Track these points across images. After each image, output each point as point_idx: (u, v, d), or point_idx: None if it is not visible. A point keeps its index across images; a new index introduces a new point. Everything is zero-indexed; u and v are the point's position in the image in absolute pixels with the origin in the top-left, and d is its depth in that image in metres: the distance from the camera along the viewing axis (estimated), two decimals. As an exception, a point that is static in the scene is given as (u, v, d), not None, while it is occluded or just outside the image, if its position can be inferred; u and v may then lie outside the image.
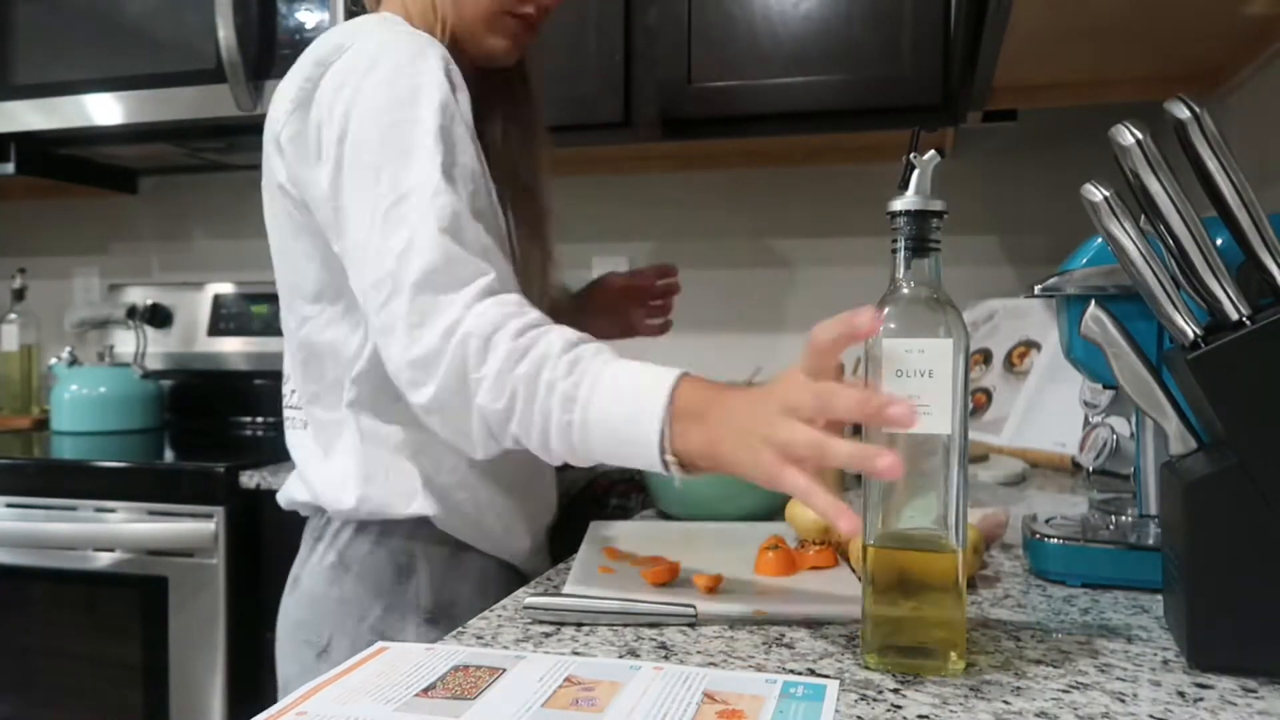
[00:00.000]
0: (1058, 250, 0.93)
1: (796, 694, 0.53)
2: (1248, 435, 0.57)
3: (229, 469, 1.46)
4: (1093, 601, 0.74)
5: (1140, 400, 0.63)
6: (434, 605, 0.92)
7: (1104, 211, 0.62)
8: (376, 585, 0.92)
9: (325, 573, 0.93)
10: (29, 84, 1.86)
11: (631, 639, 0.65)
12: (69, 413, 1.90)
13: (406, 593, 0.92)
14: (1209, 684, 0.57)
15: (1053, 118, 1.79)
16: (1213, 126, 0.58)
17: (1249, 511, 0.57)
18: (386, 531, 0.92)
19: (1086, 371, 0.86)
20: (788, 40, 1.59)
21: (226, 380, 2.11)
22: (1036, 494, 1.24)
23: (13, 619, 1.54)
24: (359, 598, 0.92)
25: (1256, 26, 1.20)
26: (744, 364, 1.95)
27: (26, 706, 1.53)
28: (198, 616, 1.45)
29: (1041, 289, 0.83)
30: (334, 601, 0.92)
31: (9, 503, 1.52)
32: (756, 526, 0.98)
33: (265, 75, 1.71)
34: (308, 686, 0.54)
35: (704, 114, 1.64)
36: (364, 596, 0.92)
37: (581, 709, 0.51)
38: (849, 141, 1.79)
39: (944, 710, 0.52)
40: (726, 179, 2.00)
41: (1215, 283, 0.59)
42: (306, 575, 0.95)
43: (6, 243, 2.43)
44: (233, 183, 2.25)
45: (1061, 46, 1.32)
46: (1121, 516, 0.85)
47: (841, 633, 0.66)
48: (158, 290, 2.18)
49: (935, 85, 1.53)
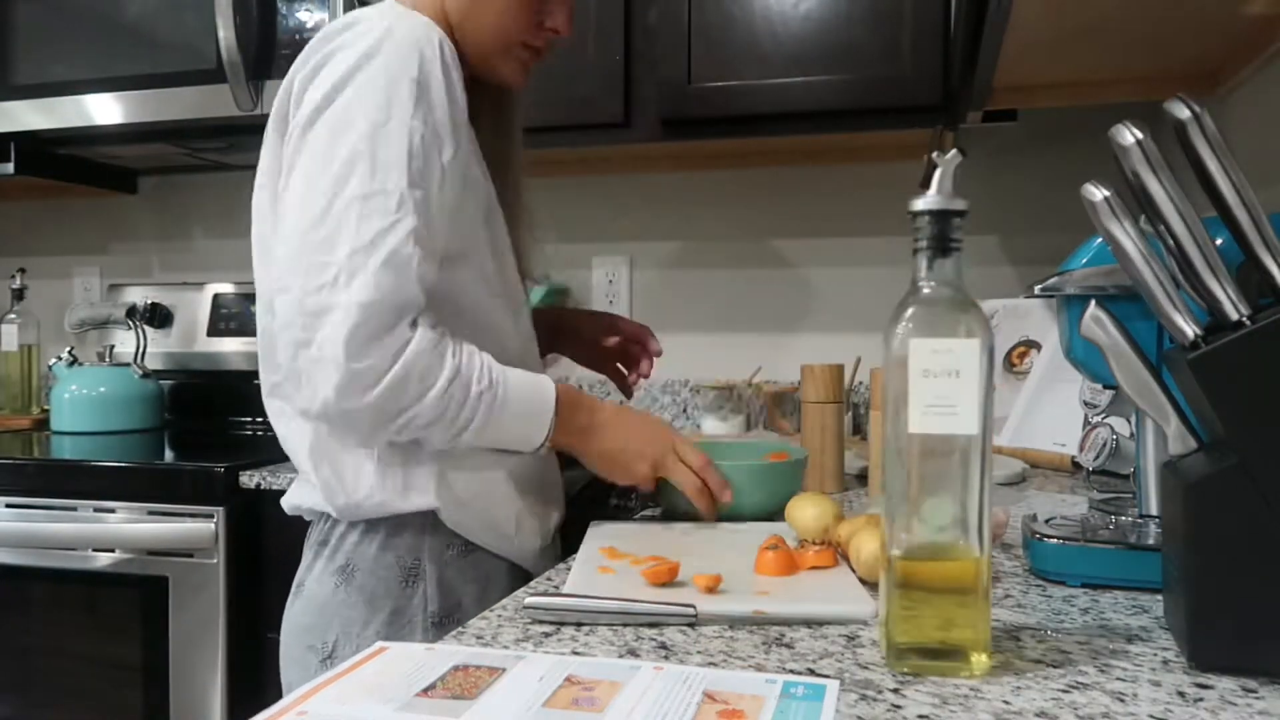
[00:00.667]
0: (1058, 250, 0.93)
1: (796, 694, 0.53)
2: (1248, 435, 0.57)
3: (229, 469, 1.46)
4: (1093, 601, 0.73)
5: (1140, 400, 0.63)
6: (441, 610, 0.92)
7: (1104, 211, 0.62)
8: (383, 590, 0.92)
9: (330, 578, 0.93)
10: (29, 84, 1.86)
11: (631, 639, 0.65)
12: (69, 413, 1.90)
13: (414, 598, 0.92)
14: (1209, 684, 0.57)
15: (1053, 118, 1.79)
16: (1213, 126, 0.58)
17: (1249, 511, 0.57)
18: (393, 534, 0.92)
19: (1086, 371, 0.86)
20: (788, 40, 1.59)
21: (226, 380, 2.11)
22: (1036, 494, 1.24)
23: (13, 619, 1.54)
24: (365, 603, 0.92)
25: (1256, 26, 1.20)
26: (744, 364, 1.95)
27: (26, 706, 1.53)
28: (198, 616, 1.45)
29: (1041, 289, 0.83)
30: (339, 607, 0.92)
31: (9, 503, 1.52)
32: (756, 526, 0.98)
33: (265, 75, 1.72)
34: (308, 686, 0.54)
35: (704, 114, 1.64)
36: (370, 602, 0.92)
37: (581, 709, 0.51)
38: (849, 141, 1.79)
39: (944, 710, 0.52)
40: (726, 179, 2.00)
41: (1215, 283, 0.59)
42: (311, 581, 0.95)
43: (6, 243, 2.43)
44: (233, 183, 2.23)
45: (1061, 46, 1.32)
46: (1121, 516, 0.85)
47: (841, 633, 0.66)
48: (158, 290, 2.18)
49: (935, 85, 1.53)
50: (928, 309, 0.59)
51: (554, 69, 1.67)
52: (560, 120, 1.66)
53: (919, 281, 0.60)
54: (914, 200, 0.59)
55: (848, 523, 0.85)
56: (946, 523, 0.58)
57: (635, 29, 1.66)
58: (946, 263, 0.59)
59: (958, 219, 0.59)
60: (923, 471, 0.58)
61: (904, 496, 0.59)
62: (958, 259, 0.60)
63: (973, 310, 0.58)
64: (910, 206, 0.60)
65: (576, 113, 1.67)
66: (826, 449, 1.23)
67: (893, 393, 0.59)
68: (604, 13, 1.66)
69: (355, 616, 0.91)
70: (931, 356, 0.57)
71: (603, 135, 1.71)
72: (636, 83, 1.66)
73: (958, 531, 0.58)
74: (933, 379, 0.57)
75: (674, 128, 1.67)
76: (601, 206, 2.06)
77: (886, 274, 1.92)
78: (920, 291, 0.59)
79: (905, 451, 0.58)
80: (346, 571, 0.92)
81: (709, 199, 2.01)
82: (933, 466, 0.58)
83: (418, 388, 0.83)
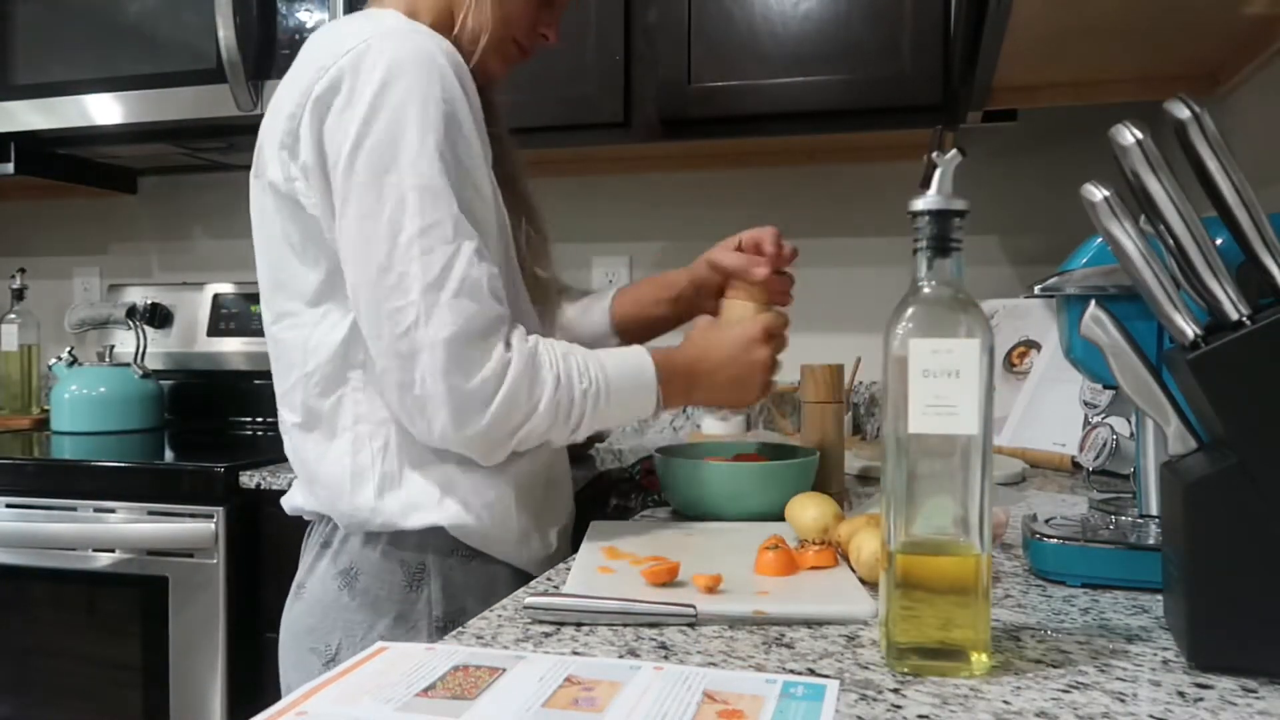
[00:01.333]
0: (1058, 250, 0.93)
1: (796, 694, 0.53)
2: (1248, 435, 0.57)
3: (229, 469, 1.46)
4: (1093, 601, 0.73)
5: (1140, 400, 0.63)
6: (445, 614, 0.92)
7: (1104, 211, 0.62)
8: (387, 594, 0.91)
9: (333, 581, 0.93)
10: (29, 84, 1.86)
11: (631, 639, 0.65)
12: (69, 413, 1.90)
13: (419, 601, 0.92)
14: (1209, 684, 0.57)
15: (1053, 118, 1.79)
16: (1213, 126, 0.58)
17: (1249, 511, 0.57)
18: (397, 539, 0.92)
19: (1086, 371, 0.86)
20: (788, 40, 1.59)
21: (226, 380, 2.11)
22: (1036, 494, 1.24)
23: (13, 619, 1.54)
24: (369, 606, 0.91)
25: (1256, 26, 1.20)
26: (744, 364, 1.95)
27: (26, 706, 1.53)
28: (198, 616, 1.45)
29: (1041, 289, 0.83)
30: (343, 609, 0.92)
31: (9, 503, 1.52)
32: (756, 526, 0.98)
33: (265, 75, 1.72)
34: (308, 686, 0.54)
35: (704, 114, 1.64)
36: (374, 605, 0.91)
37: (581, 709, 0.51)
38: (849, 141, 1.79)
39: (944, 710, 0.52)
40: (726, 179, 2.00)
41: (1215, 283, 0.59)
42: (313, 582, 0.95)
43: (6, 243, 2.43)
44: (233, 183, 2.25)
45: (1061, 46, 1.32)
46: (1121, 516, 0.85)
47: (841, 633, 0.66)
48: (158, 290, 2.18)
49: (935, 85, 1.53)
50: (928, 309, 0.59)
51: (554, 69, 1.68)
52: (560, 120, 1.66)
53: (919, 281, 0.60)
54: (914, 200, 0.59)
55: (848, 523, 0.85)
56: (947, 523, 0.58)
57: (635, 29, 1.66)
58: (946, 263, 0.59)
59: (958, 219, 0.59)
60: (923, 471, 0.58)
61: (904, 496, 0.59)
62: (958, 259, 0.60)
63: (973, 310, 0.58)
64: (910, 206, 0.60)
65: (576, 113, 1.67)
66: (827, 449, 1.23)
67: (893, 393, 0.59)
68: (604, 13, 1.66)
69: (359, 620, 0.91)
70: (931, 356, 0.57)
71: (602, 135, 1.71)
72: (636, 83, 1.66)
73: (958, 531, 0.58)
74: (933, 379, 0.57)
75: (674, 128, 1.67)
76: (601, 206, 2.06)
77: (886, 274, 1.92)
78: (920, 291, 0.59)
79: (905, 451, 0.58)
80: (350, 574, 0.92)
81: (709, 199, 2.01)
82: (933, 466, 0.58)
83: (527, 404, 0.85)
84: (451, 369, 0.82)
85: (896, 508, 0.59)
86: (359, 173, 0.84)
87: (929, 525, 0.59)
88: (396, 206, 0.83)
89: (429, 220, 0.83)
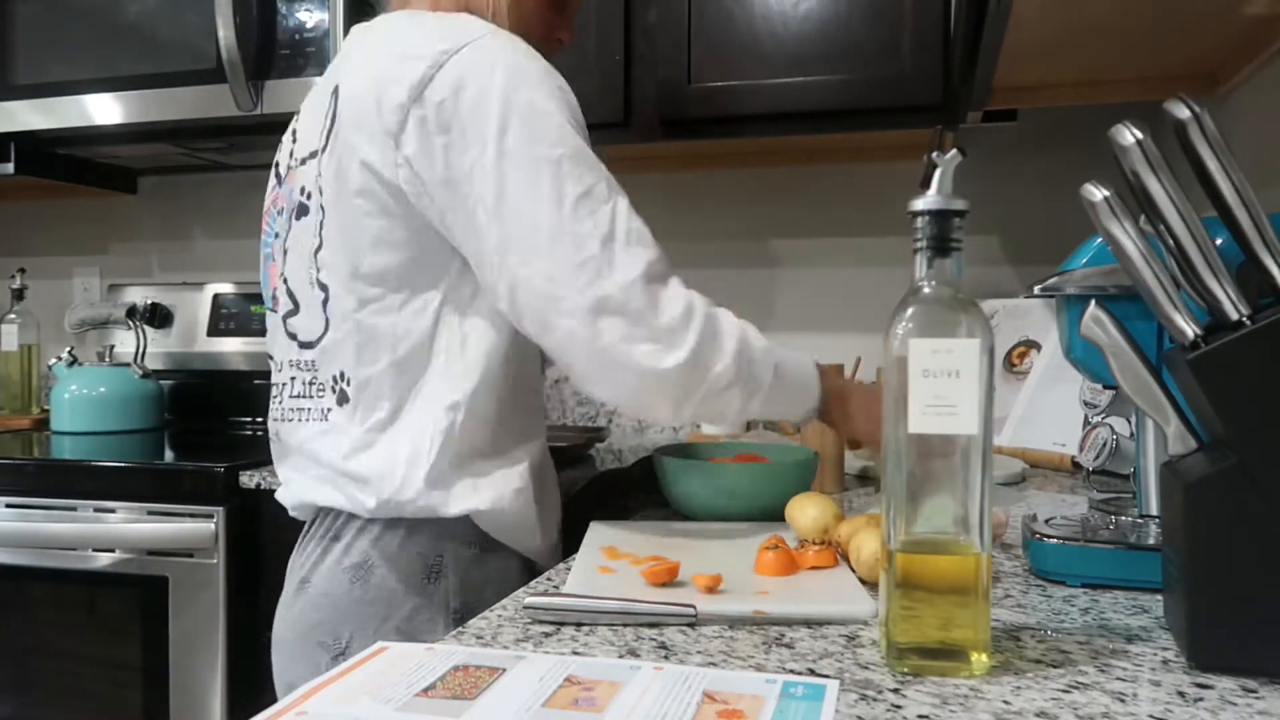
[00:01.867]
0: (1058, 250, 0.93)
1: (796, 694, 0.53)
2: (1248, 435, 0.57)
3: (229, 469, 1.46)
4: (1093, 601, 0.74)
5: (1140, 400, 0.63)
6: (463, 605, 0.92)
7: (1104, 211, 0.62)
8: (404, 586, 0.91)
9: (344, 574, 0.92)
10: (29, 84, 1.86)
11: (631, 639, 0.65)
12: (69, 413, 1.90)
13: (437, 592, 0.92)
14: (1209, 684, 0.57)
15: (1053, 118, 1.79)
16: (1213, 126, 0.58)
17: (1249, 511, 0.57)
18: (415, 530, 0.92)
19: (1086, 371, 0.86)
20: (788, 40, 1.59)
21: (226, 380, 2.11)
22: (1036, 494, 1.24)
23: (13, 619, 1.54)
24: (384, 598, 0.91)
25: (1256, 26, 1.20)
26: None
27: (26, 706, 1.53)
28: (198, 616, 1.45)
29: (1041, 289, 0.83)
30: (354, 603, 0.91)
31: (9, 503, 1.52)
32: (756, 526, 0.98)
33: (265, 75, 1.71)
34: (308, 686, 0.54)
35: (704, 114, 1.64)
36: (391, 597, 0.91)
37: (581, 709, 0.51)
38: (849, 141, 1.79)
39: (944, 710, 0.52)
40: (726, 179, 2.00)
41: (1215, 283, 0.59)
42: (320, 577, 0.94)
43: (6, 243, 2.43)
44: (233, 183, 2.25)
45: (1061, 46, 1.33)
46: (1121, 516, 0.85)
47: (841, 633, 0.66)
48: (158, 290, 2.18)
49: (935, 85, 1.53)
50: (928, 309, 0.59)
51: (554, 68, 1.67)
52: (560, 120, 1.66)
53: (919, 281, 0.60)
54: (914, 200, 0.59)
55: (848, 523, 0.85)
56: (947, 522, 0.58)
57: (635, 29, 1.66)
58: (946, 263, 0.59)
59: (958, 219, 0.59)
60: (923, 471, 0.58)
61: (904, 496, 0.59)
62: (958, 259, 0.60)
63: (973, 310, 0.58)
64: (910, 206, 0.60)
65: (576, 112, 1.67)
66: (826, 449, 1.23)
67: (893, 393, 0.59)
68: (604, 13, 1.66)
69: (373, 613, 0.91)
70: (931, 356, 0.57)
71: (603, 135, 1.70)
72: (636, 83, 1.66)
73: (959, 531, 0.58)
74: (933, 379, 0.57)
75: (674, 128, 1.67)
76: (601, 206, 2.06)
77: (886, 274, 1.92)
78: (920, 291, 0.59)
79: (905, 451, 0.58)
80: (364, 567, 0.92)
81: (709, 199, 2.01)
82: (933, 466, 0.58)
83: (715, 345, 0.89)
84: (646, 309, 0.85)
85: (896, 507, 0.59)
86: (510, 154, 0.86)
87: (929, 525, 0.59)
88: (554, 177, 0.86)
89: (587, 184, 0.87)
